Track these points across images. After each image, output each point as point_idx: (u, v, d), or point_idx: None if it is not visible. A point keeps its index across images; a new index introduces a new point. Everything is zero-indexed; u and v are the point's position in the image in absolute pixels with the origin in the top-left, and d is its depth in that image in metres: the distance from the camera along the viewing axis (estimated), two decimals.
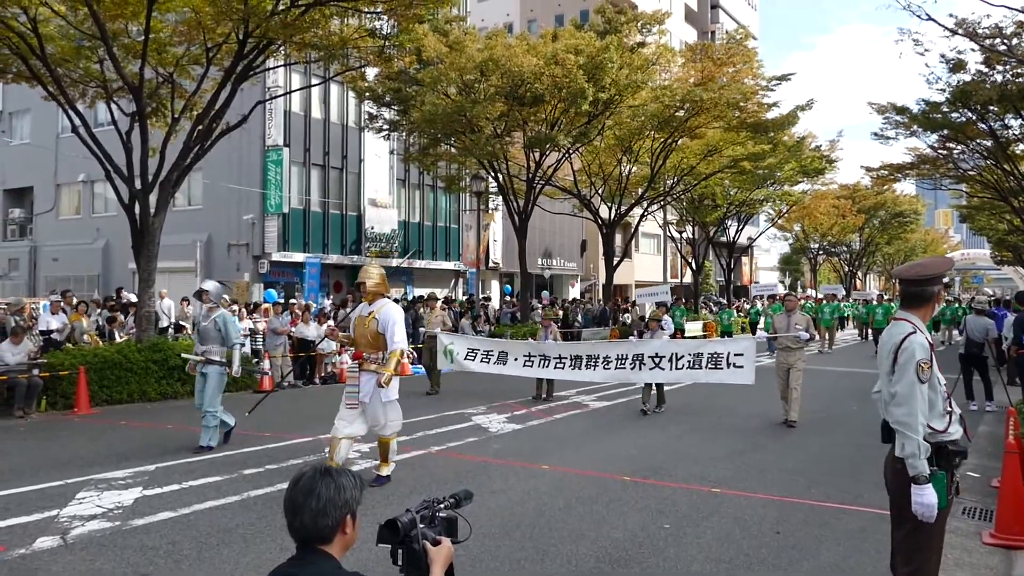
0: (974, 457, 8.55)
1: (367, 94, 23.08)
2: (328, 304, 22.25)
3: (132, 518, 6.33)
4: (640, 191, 28.81)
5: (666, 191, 30.52)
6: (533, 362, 12.97)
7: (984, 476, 7.85)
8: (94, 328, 15.74)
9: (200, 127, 14.77)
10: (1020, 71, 18.30)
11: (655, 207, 32.58)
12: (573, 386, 14.49)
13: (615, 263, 28.43)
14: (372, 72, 21.81)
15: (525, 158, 23.67)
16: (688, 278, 41.68)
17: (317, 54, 16.82)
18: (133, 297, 17.67)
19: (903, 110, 23.55)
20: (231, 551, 5.60)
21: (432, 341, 14.48)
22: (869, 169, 33.19)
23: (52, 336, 14.50)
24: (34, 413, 12.06)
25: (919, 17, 11.76)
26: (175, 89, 15.50)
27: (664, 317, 17.74)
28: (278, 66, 20.23)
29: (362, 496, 2.27)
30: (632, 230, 32.82)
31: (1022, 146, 23.84)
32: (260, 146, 26.32)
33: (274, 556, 5.24)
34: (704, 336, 26.69)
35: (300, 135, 27.90)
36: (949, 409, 3.70)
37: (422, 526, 2.29)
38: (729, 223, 38.82)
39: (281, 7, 13.72)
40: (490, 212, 33.47)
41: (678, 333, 23.98)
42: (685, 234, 39.46)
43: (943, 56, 20.01)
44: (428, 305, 16.08)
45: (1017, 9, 12.86)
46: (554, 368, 12.81)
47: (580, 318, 26.73)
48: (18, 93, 26.41)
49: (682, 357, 11.71)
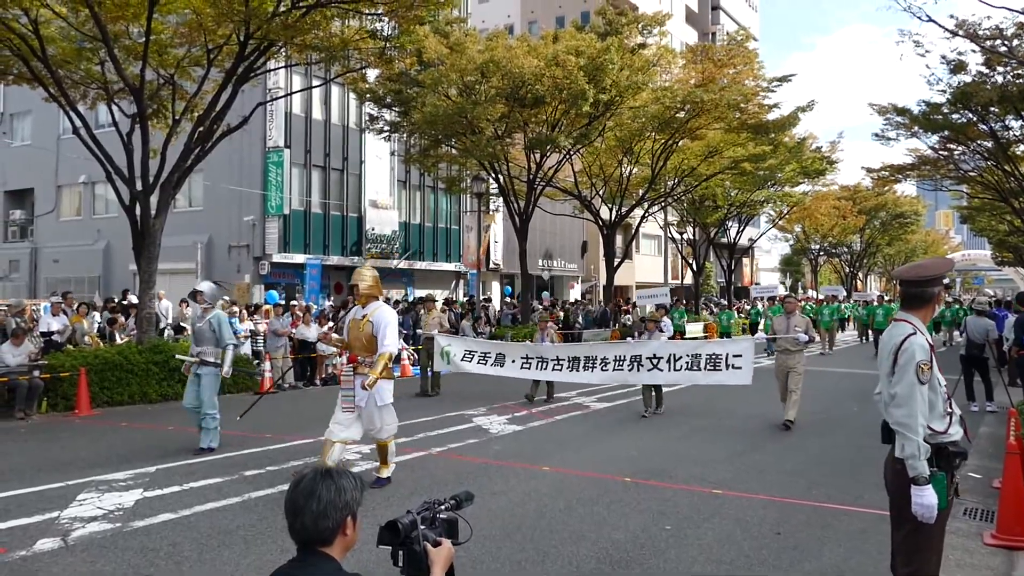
0: (975, 458, 8.55)
1: (368, 95, 23.09)
2: (329, 305, 22.25)
3: (133, 520, 6.33)
4: (641, 192, 28.82)
5: (667, 192, 30.54)
6: (530, 364, 12.84)
7: (985, 477, 7.86)
8: (95, 329, 15.76)
9: (201, 128, 14.79)
10: (1021, 72, 18.32)
11: (656, 208, 32.61)
12: (574, 387, 14.48)
13: (616, 264, 28.43)
14: (373, 73, 21.83)
15: (526, 159, 23.68)
16: (689, 279, 41.67)
17: (318, 56, 16.85)
18: (134, 298, 17.69)
19: (904, 111, 23.58)
20: (232, 553, 5.60)
21: (429, 343, 14.48)
22: (870, 170, 33.21)
23: (53, 338, 14.51)
24: (35, 415, 12.08)
25: (920, 18, 11.78)
26: (176, 90, 15.53)
27: (663, 319, 17.70)
28: (279, 67, 20.25)
29: (363, 498, 2.27)
30: (633, 231, 32.82)
31: (1023, 147, 23.85)
32: (261, 147, 26.34)
33: (275, 558, 5.24)
34: (705, 338, 26.67)
35: (301, 136, 27.92)
36: (949, 410, 3.70)
37: (423, 527, 2.29)
38: (730, 224, 38.80)
39: (282, 9, 13.74)
40: (491, 213, 33.49)
41: (677, 335, 23.97)
42: (686, 235, 39.48)
43: (944, 57, 20.06)
44: (425, 307, 16.06)
45: (1018, 10, 12.92)
46: (552, 370, 12.68)
47: (581, 319, 26.72)
48: (19, 95, 26.44)
49: (680, 358, 11.57)
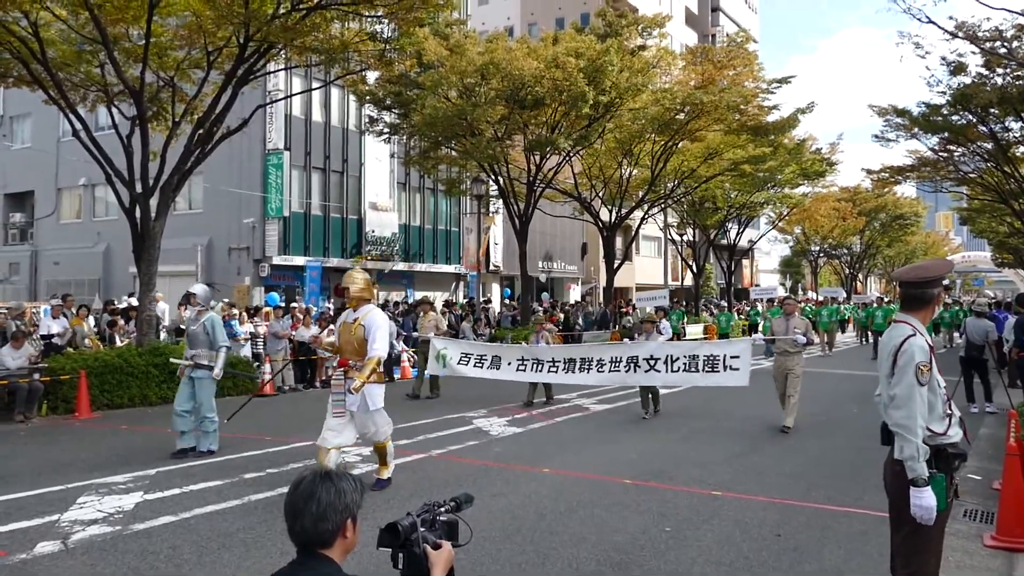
0: (975, 459, 8.55)
1: (368, 98, 23.11)
2: (329, 307, 22.24)
3: (133, 522, 6.33)
4: (641, 194, 28.82)
5: (667, 194, 30.55)
6: (526, 366, 12.71)
7: (985, 478, 7.86)
8: (94, 332, 15.75)
9: (201, 131, 14.79)
10: (1020, 74, 18.33)
11: (656, 210, 32.62)
12: (574, 389, 14.47)
13: (616, 266, 28.43)
14: (373, 76, 21.83)
15: (526, 161, 23.68)
16: (689, 281, 41.68)
17: (318, 58, 16.86)
18: (134, 301, 17.69)
19: (904, 112, 23.60)
20: (232, 555, 5.60)
21: (425, 346, 14.43)
22: (870, 172, 33.20)
23: (53, 340, 14.51)
24: (35, 417, 12.07)
25: (919, 20, 11.80)
26: (176, 93, 15.54)
27: (662, 321, 17.63)
28: (279, 70, 20.26)
29: (363, 500, 2.27)
30: (633, 233, 32.82)
31: (1022, 148, 23.87)
32: (261, 150, 26.35)
33: (275, 560, 5.24)
34: (705, 339, 26.66)
35: (301, 139, 27.93)
36: (949, 412, 3.70)
37: (423, 530, 2.29)
38: (730, 226, 38.82)
39: (282, 11, 13.75)
40: (491, 215, 33.49)
41: (676, 337, 23.95)
42: (686, 237, 39.50)
43: (943, 59, 20.08)
44: (422, 310, 16.05)
45: (1017, 12, 12.94)
46: (548, 372, 12.58)
47: (581, 321, 26.72)
48: (19, 97, 26.46)
49: (677, 359, 11.46)
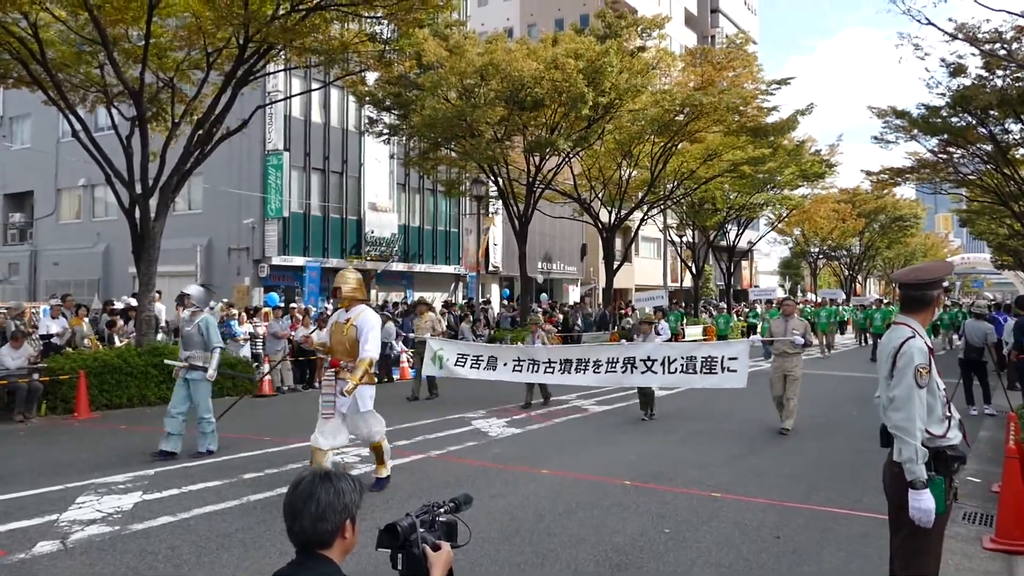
0: (974, 462, 8.55)
1: (367, 98, 23.12)
2: (328, 308, 22.24)
3: (132, 522, 6.33)
4: (640, 195, 28.84)
5: (666, 195, 30.57)
6: (523, 367, 12.67)
7: (985, 481, 7.86)
8: (94, 332, 15.75)
9: (200, 131, 14.79)
10: (1020, 75, 18.34)
11: (655, 211, 32.61)
12: (572, 390, 14.46)
13: (615, 267, 28.44)
14: (372, 76, 21.83)
15: (525, 162, 23.70)
16: (688, 282, 41.67)
17: (317, 59, 16.85)
18: (133, 301, 17.68)
19: (903, 114, 23.60)
20: (231, 555, 5.60)
21: (422, 347, 14.41)
22: (869, 173, 33.23)
23: (52, 340, 14.50)
24: (34, 417, 12.07)
25: (919, 21, 11.85)
26: (175, 94, 15.53)
27: (660, 322, 17.58)
28: (278, 71, 20.25)
29: (362, 500, 2.27)
30: (632, 234, 32.83)
31: (1022, 150, 23.88)
32: (260, 150, 26.35)
33: (274, 560, 5.24)
34: (704, 340, 26.66)
35: (300, 139, 27.93)
36: (948, 414, 3.70)
37: (422, 530, 2.29)
38: (729, 227, 38.81)
39: (281, 12, 13.74)
40: (490, 216, 33.50)
41: (675, 338, 23.94)
42: (685, 238, 39.49)
43: (943, 60, 20.09)
44: (418, 310, 16.05)
45: (1017, 13, 12.92)
46: (544, 372, 12.53)
47: (580, 322, 26.72)
48: (19, 98, 26.45)
49: (675, 361, 11.39)
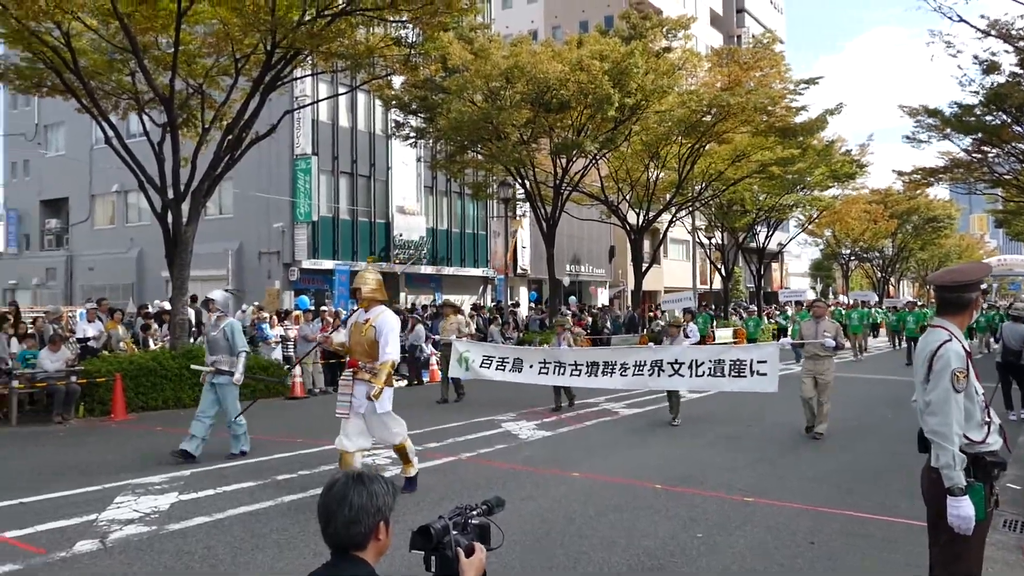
0: (1015, 468, 8.38)
1: (394, 102, 23.24)
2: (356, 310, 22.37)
3: (168, 523, 6.42)
4: (668, 197, 28.70)
5: (694, 196, 30.38)
6: (548, 369, 12.62)
7: None
8: (129, 335, 15.99)
9: (230, 137, 14.97)
10: None
11: (683, 213, 32.42)
12: (602, 393, 14.40)
13: (644, 269, 28.32)
14: (398, 80, 21.93)
15: (552, 164, 23.69)
16: (717, 284, 41.37)
17: (344, 63, 17.00)
18: (166, 305, 17.92)
19: (935, 113, 23.29)
20: (265, 556, 5.65)
21: (447, 349, 14.47)
22: (901, 173, 32.81)
23: (89, 344, 14.74)
24: (73, 419, 12.31)
25: (950, 18, 11.70)
26: (205, 100, 15.75)
27: (689, 324, 17.49)
28: (305, 76, 20.46)
29: (395, 502, 2.28)
30: (661, 236, 32.69)
31: None
32: (289, 155, 26.61)
33: (308, 561, 5.27)
34: (734, 343, 26.45)
35: (328, 144, 28.16)
36: (988, 419, 3.63)
37: (455, 533, 2.30)
38: (758, 228, 38.48)
39: (308, 17, 13.89)
40: (518, 218, 33.53)
41: (707, 340, 23.78)
42: (714, 240, 39.20)
43: (976, 58, 19.84)
44: (443, 312, 16.09)
45: None
46: (570, 375, 12.47)
47: (609, 324, 26.63)
48: (53, 106, 26.93)
49: (703, 364, 11.27)
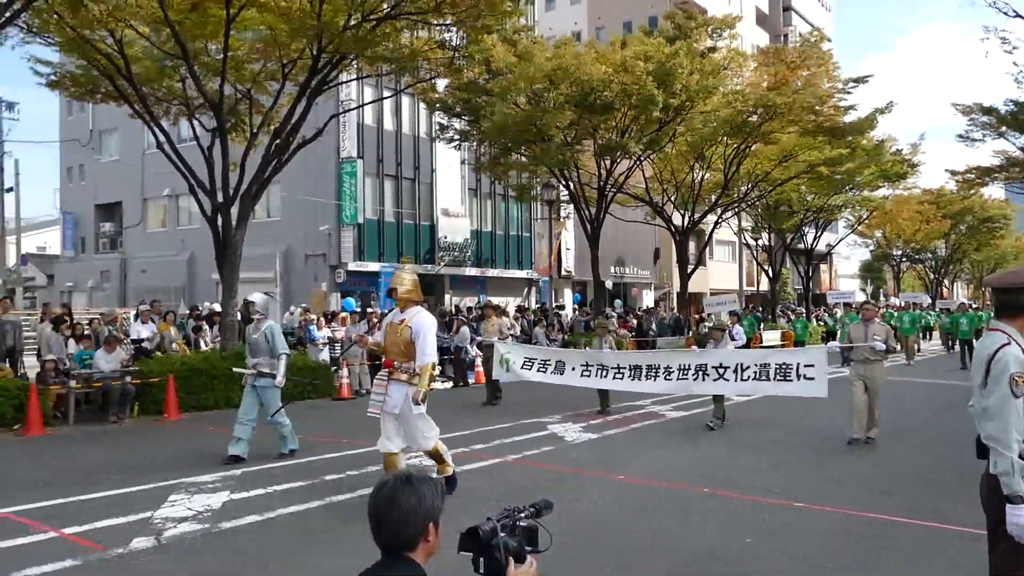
0: None
1: (438, 105, 23.40)
2: None
3: (221, 521, 6.55)
4: (713, 198, 28.42)
5: (740, 198, 30.04)
6: (591, 372, 12.55)
7: None
8: (180, 337, 16.34)
9: (278, 141, 15.21)
10: None
11: (729, 214, 32.07)
12: (648, 396, 14.30)
13: (689, 271, 28.08)
14: (442, 83, 22.11)
15: (596, 166, 23.62)
16: (764, 286, 40.85)
17: (388, 67, 17.17)
18: (216, 307, 18.28)
19: (990, 111, 22.74)
20: (316, 555, 5.74)
21: (489, 350, 14.50)
22: (954, 173, 32.13)
23: (143, 344, 15.08)
24: (127, 418, 12.62)
25: (1005, 14, 11.40)
26: (253, 104, 16.01)
27: (735, 327, 17.27)
28: (351, 80, 20.70)
29: (444, 504, 2.30)
30: (706, 237, 32.39)
31: None
32: (335, 158, 26.95)
33: (357, 562, 5.30)
34: (782, 346, 26.07)
35: (373, 147, 28.46)
36: None
37: (503, 535, 2.31)
38: (806, 229, 37.89)
39: (353, 22, 14.05)
40: (562, 220, 33.49)
41: (753, 343, 23.49)
42: (761, 241, 38.71)
43: None
44: (485, 314, 16.14)
45: None
46: (612, 379, 12.35)
47: (654, 327, 26.44)
48: (107, 112, 27.68)
49: (748, 368, 11.05)
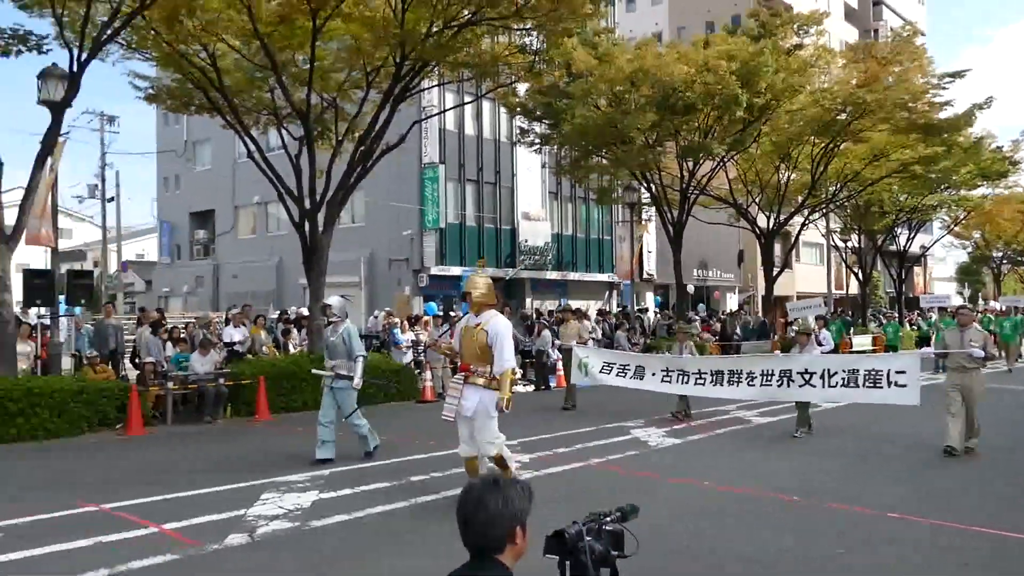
0: None
1: (518, 109, 23.48)
2: None
3: (311, 519, 6.71)
4: (800, 199, 27.66)
5: (828, 198, 29.16)
6: (671, 378, 12.34)
7: None
8: (271, 340, 16.86)
9: (362, 148, 15.52)
10: None
11: (817, 215, 31.18)
12: (733, 401, 13.98)
13: (775, 274, 27.42)
14: (523, 87, 22.17)
15: (678, 168, 23.30)
16: (854, 289, 39.55)
17: (469, 72, 17.35)
18: (304, 311, 18.81)
19: None
20: (404, 555, 5.84)
21: (567, 355, 14.44)
22: None
23: (235, 348, 15.60)
24: (221, 419, 13.08)
25: None
26: (338, 113, 16.38)
27: (822, 331, 16.71)
28: (432, 86, 20.98)
29: (531, 507, 2.30)
30: (792, 239, 31.56)
31: None
32: (417, 164, 27.35)
33: (443, 562, 5.37)
34: (873, 351, 25.19)
35: (455, 152, 28.78)
36: None
37: (589, 539, 2.31)
38: (899, 231, 36.55)
39: (435, 29, 14.25)
40: (643, 223, 33.18)
41: (841, 348, 22.72)
42: (850, 243, 37.49)
43: None
44: (564, 318, 16.10)
45: None
46: (694, 384, 12.11)
47: (739, 331, 25.89)
48: (200, 124, 28.81)
49: (835, 373, 10.71)
